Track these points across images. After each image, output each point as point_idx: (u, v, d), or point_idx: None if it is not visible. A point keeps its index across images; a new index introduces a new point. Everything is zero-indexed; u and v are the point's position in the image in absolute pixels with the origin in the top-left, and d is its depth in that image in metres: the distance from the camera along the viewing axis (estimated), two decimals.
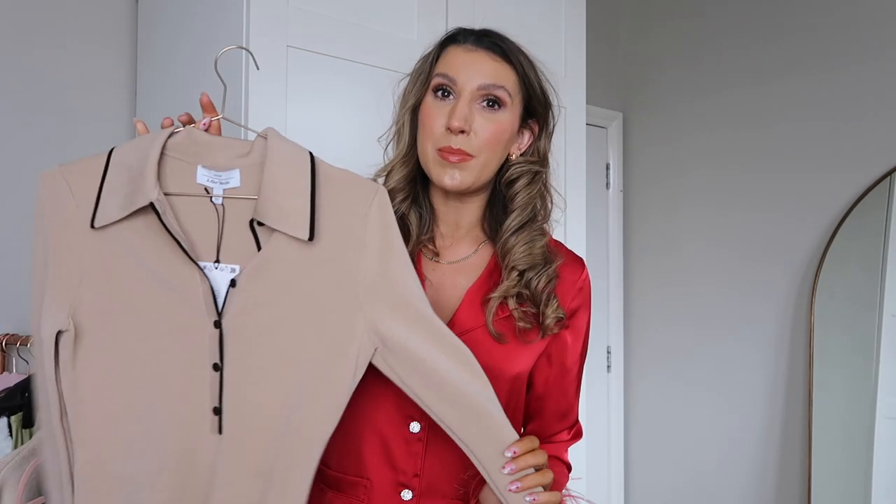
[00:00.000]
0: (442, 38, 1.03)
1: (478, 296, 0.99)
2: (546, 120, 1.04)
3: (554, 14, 2.00)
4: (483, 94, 0.96)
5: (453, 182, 0.96)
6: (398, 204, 0.99)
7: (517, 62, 1.00)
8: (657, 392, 2.83)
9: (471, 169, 0.96)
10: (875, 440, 2.15)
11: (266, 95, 1.45)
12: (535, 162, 1.02)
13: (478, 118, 0.95)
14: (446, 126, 0.94)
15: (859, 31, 2.29)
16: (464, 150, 0.94)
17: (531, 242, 0.98)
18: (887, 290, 2.18)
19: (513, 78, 0.99)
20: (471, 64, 0.96)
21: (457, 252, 1.03)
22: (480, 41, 0.99)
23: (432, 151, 0.96)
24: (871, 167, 2.25)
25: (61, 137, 1.72)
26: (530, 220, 1.00)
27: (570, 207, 2.00)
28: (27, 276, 1.31)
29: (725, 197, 2.61)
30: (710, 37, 2.68)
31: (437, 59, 1.00)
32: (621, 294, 2.94)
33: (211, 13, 1.55)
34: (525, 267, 0.97)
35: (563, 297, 1.01)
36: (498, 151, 0.98)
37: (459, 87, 0.96)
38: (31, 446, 1.34)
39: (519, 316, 0.97)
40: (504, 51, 0.99)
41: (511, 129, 0.99)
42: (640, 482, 2.89)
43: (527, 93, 1.01)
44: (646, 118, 2.90)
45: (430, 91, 0.99)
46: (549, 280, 0.98)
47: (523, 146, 1.03)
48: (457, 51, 0.99)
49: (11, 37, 1.66)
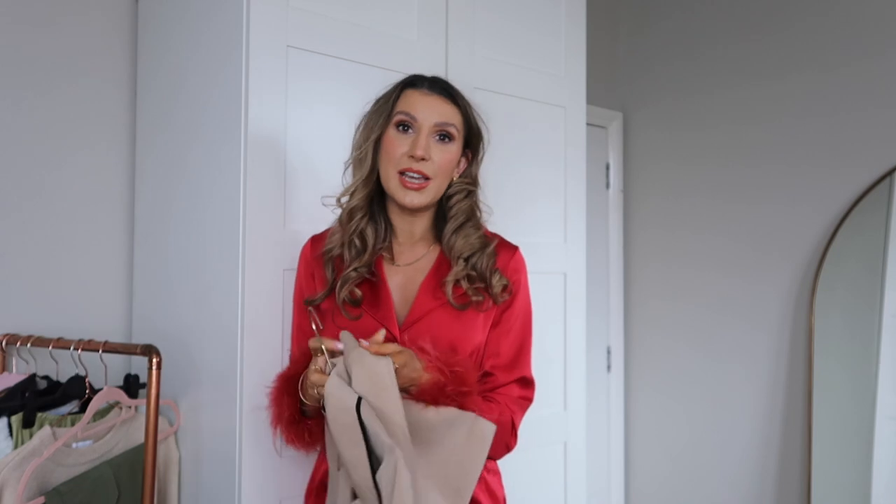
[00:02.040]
0: (400, 83, 1.27)
1: (430, 285, 1.25)
2: (478, 150, 1.31)
3: (554, 14, 2.00)
4: (438, 130, 1.22)
5: (413, 203, 1.22)
6: (358, 221, 1.24)
7: (462, 105, 1.26)
8: (657, 392, 2.83)
9: (427, 192, 1.22)
10: (875, 440, 2.15)
11: (266, 95, 1.45)
12: (469, 183, 1.30)
13: (434, 148, 1.22)
14: (409, 154, 1.20)
15: (861, 28, 2.29)
16: (424, 172, 1.20)
17: (468, 236, 1.25)
18: (888, 290, 2.18)
19: (458, 118, 1.25)
20: (428, 105, 1.22)
21: (412, 255, 1.30)
22: (434, 87, 1.24)
23: (395, 175, 1.21)
24: (871, 166, 2.25)
25: (61, 137, 1.72)
26: (464, 223, 1.27)
27: (570, 207, 2.01)
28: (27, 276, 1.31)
29: (725, 196, 2.61)
30: (709, 36, 2.68)
31: (398, 99, 1.24)
32: (621, 294, 2.94)
33: (211, 13, 1.55)
34: (468, 254, 1.24)
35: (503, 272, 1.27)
36: (448, 175, 1.26)
37: (419, 123, 1.21)
38: (32, 446, 1.34)
39: (472, 292, 1.23)
40: (452, 95, 1.25)
41: (457, 157, 1.26)
42: (640, 482, 2.89)
43: (467, 129, 1.28)
44: (646, 118, 2.90)
45: (393, 125, 1.23)
46: (489, 259, 1.25)
47: (461, 170, 1.31)
48: (415, 94, 1.23)
49: (11, 37, 1.66)
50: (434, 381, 1.11)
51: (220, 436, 1.47)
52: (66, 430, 1.40)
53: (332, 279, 1.25)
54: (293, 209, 1.49)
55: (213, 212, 1.51)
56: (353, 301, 1.23)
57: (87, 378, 1.51)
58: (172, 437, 1.59)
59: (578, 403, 2.00)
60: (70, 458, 1.41)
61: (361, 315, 1.23)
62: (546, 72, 1.97)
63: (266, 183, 1.45)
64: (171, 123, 1.68)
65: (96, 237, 1.78)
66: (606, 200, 2.94)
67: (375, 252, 1.26)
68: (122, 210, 1.82)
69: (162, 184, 1.71)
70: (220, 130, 1.49)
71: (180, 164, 1.64)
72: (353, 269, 1.23)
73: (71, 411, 1.49)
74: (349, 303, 1.23)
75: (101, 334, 1.72)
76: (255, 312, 1.43)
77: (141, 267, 1.79)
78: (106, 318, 1.78)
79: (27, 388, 1.47)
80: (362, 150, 1.25)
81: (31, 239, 1.69)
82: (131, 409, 1.55)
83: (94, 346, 1.45)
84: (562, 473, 1.98)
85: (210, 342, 1.51)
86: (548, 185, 1.96)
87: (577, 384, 2.00)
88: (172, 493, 1.58)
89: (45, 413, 1.45)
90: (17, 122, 1.67)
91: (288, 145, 1.49)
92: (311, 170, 1.52)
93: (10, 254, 1.66)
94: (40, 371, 1.59)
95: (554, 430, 1.95)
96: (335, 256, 1.26)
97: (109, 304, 1.79)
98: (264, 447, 1.43)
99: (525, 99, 1.91)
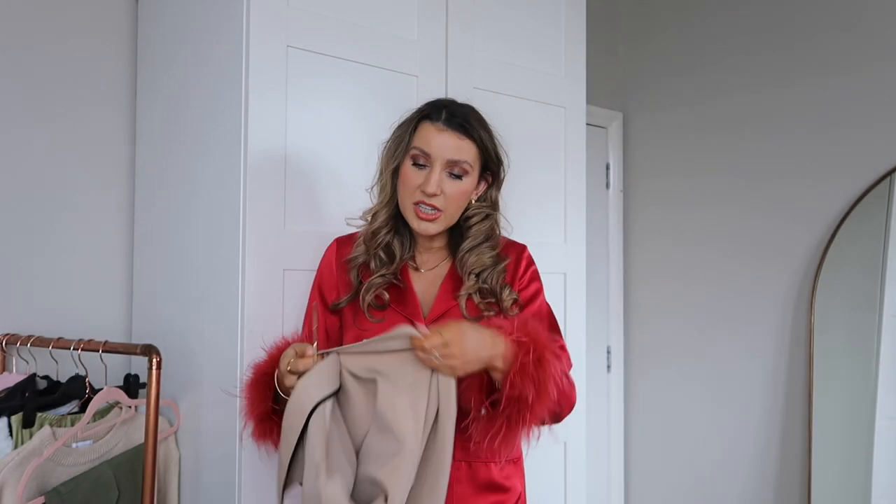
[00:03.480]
0: (418, 112, 1.31)
1: (447, 289, 1.33)
2: (497, 175, 1.35)
3: (554, 14, 2.00)
4: (450, 166, 1.26)
5: (427, 231, 1.29)
6: (382, 237, 1.31)
7: (477, 137, 1.28)
8: (657, 392, 2.83)
9: (440, 221, 1.28)
10: (875, 440, 2.15)
11: (266, 95, 1.45)
12: (487, 206, 1.35)
13: (446, 182, 1.26)
14: (421, 189, 1.25)
15: (860, 33, 2.29)
16: (436, 205, 1.26)
17: (480, 255, 1.31)
18: (887, 290, 2.18)
19: (473, 151, 1.28)
20: (441, 142, 1.26)
21: (431, 263, 1.37)
22: (450, 122, 1.27)
23: (410, 205, 1.28)
24: (871, 166, 2.24)
25: (61, 137, 1.72)
26: (480, 243, 1.32)
27: (570, 207, 2.01)
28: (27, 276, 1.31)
29: (726, 196, 2.61)
30: (710, 37, 2.68)
31: (415, 131, 1.28)
32: (621, 294, 2.94)
33: (211, 13, 1.55)
34: (479, 271, 1.30)
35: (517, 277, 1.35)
36: (461, 205, 1.31)
37: (432, 159, 1.25)
38: (32, 446, 1.34)
39: (484, 307, 1.30)
40: (467, 129, 1.27)
41: (471, 189, 1.31)
42: (640, 482, 2.89)
43: (484, 158, 1.31)
44: (646, 118, 2.90)
45: (409, 158, 1.27)
46: (500, 275, 1.31)
47: (479, 192, 1.34)
48: (430, 129, 1.27)
49: (11, 36, 1.66)
50: (517, 346, 1.12)
51: (220, 436, 1.47)
52: (66, 430, 1.40)
53: (358, 284, 1.31)
54: (293, 209, 1.49)
55: (213, 212, 1.51)
56: (379, 305, 1.29)
57: (87, 378, 1.51)
58: (172, 437, 1.59)
59: (578, 403, 2.00)
60: (70, 458, 1.41)
61: (385, 318, 1.27)
62: (546, 72, 1.97)
63: (266, 183, 1.45)
64: (172, 123, 1.68)
65: (96, 237, 1.78)
66: (606, 200, 2.94)
67: (402, 261, 1.33)
68: (122, 210, 1.82)
69: (162, 183, 1.71)
70: (220, 130, 1.49)
71: (180, 164, 1.64)
72: (379, 274, 1.29)
73: (71, 411, 1.49)
74: (374, 307, 1.29)
75: (101, 334, 1.72)
76: (255, 312, 1.43)
77: (141, 267, 1.79)
78: (106, 319, 1.78)
79: (27, 388, 1.46)
80: (383, 178, 1.33)
81: (31, 239, 1.69)
82: (131, 409, 1.55)
83: (94, 346, 1.45)
84: (562, 473, 1.98)
85: (210, 342, 1.51)
86: (548, 185, 1.96)
87: (577, 384, 1.99)
88: (172, 493, 1.58)
89: (45, 413, 1.44)
90: (18, 123, 1.67)
91: (288, 145, 1.49)
92: (311, 170, 1.52)
93: (10, 254, 1.66)
94: (40, 371, 1.59)
95: (554, 431, 1.95)
96: (360, 264, 1.32)
97: (109, 305, 1.79)
98: (264, 447, 1.43)
99: (525, 99, 1.91)
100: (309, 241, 1.48)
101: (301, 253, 1.48)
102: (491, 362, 1.11)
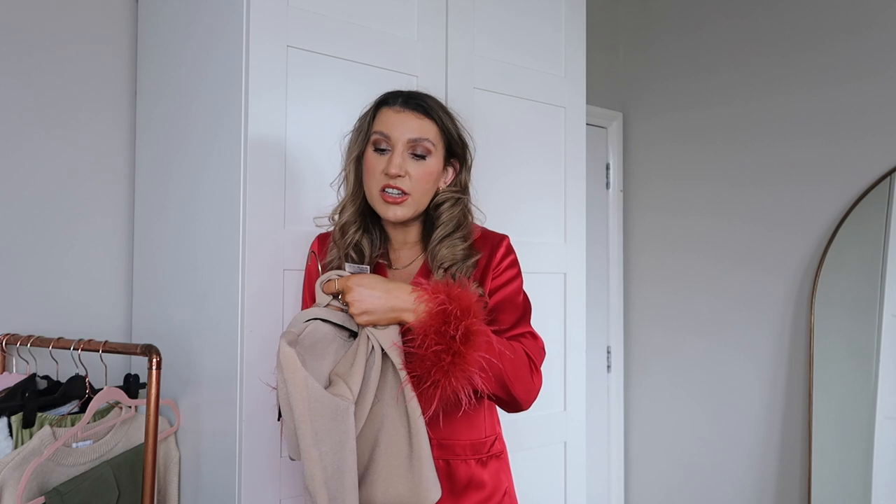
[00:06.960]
0: (375, 101, 1.30)
1: None
2: (464, 158, 1.32)
3: (554, 14, 2.00)
4: (412, 146, 1.24)
5: (396, 216, 1.26)
6: (351, 235, 1.29)
7: (437, 117, 1.27)
8: (657, 392, 2.83)
9: (408, 205, 1.25)
10: (875, 440, 2.15)
11: (266, 95, 1.45)
12: (457, 191, 1.31)
13: (410, 163, 1.24)
14: (385, 172, 1.23)
15: (860, 35, 2.29)
16: (402, 188, 1.23)
17: (453, 247, 1.27)
18: (887, 290, 2.18)
19: (434, 130, 1.27)
20: (401, 122, 1.24)
21: (406, 260, 1.34)
22: (407, 103, 1.26)
23: (376, 192, 1.25)
24: (870, 168, 2.25)
25: (61, 137, 1.72)
26: (452, 232, 1.28)
27: (570, 207, 2.01)
28: (27, 276, 1.31)
29: (725, 197, 2.61)
30: (709, 39, 2.68)
31: (374, 118, 1.27)
32: (621, 294, 2.94)
33: (211, 13, 1.55)
34: (448, 265, 1.26)
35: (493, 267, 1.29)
36: (428, 188, 1.27)
37: (393, 141, 1.24)
38: (32, 446, 1.34)
39: None
40: (425, 109, 1.26)
41: (437, 170, 1.28)
42: (640, 482, 2.89)
43: (447, 140, 1.29)
44: (646, 118, 2.90)
45: (371, 144, 1.26)
46: (468, 270, 1.26)
47: (448, 180, 1.32)
48: (388, 112, 1.26)
49: (11, 37, 1.66)
50: (438, 308, 1.11)
51: (220, 436, 1.47)
52: (66, 430, 1.40)
53: None
54: (293, 209, 1.49)
55: (213, 211, 1.51)
56: None
57: (87, 378, 1.51)
58: (172, 437, 1.59)
59: (578, 403, 2.00)
60: (70, 458, 1.41)
61: None
62: (546, 72, 1.97)
63: (266, 183, 1.45)
64: (171, 123, 1.68)
65: (96, 237, 1.78)
66: (606, 200, 2.94)
67: (373, 260, 1.32)
68: (122, 210, 1.82)
69: (162, 183, 1.71)
70: (220, 130, 1.49)
71: (181, 164, 1.64)
72: None
73: (71, 411, 1.49)
74: None
75: (101, 334, 1.72)
76: (255, 312, 1.43)
77: (141, 267, 1.79)
78: (106, 318, 1.78)
79: (27, 388, 1.46)
80: (346, 169, 1.32)
81: (31, 239, 1.69)
82: (131, 409, 1.55)
83: (94, 346, 1.45)
84: (562, 473, 1.98)
85: (210, 342, 1.51)
86: (548, 185, 1.96)
87: (577, 384, 1.99)
88: (172, 493, 1.58)
89: (45, 413, 1.45)
90: (18, 123, 1.67)
91: (288, 145, 1.49)
92: (311, 170, 1.52)
93: (11, 254, 1.66)
94: (40, 371, 1.59)
95: (554, 430, 1.95)
96: (336, 268, 1.31)
97: (109, 305, 1.79)
98: (264, 447, 1.43)
99: (525, 99, 1.91)
100: (309, 241, 1.48)
101: (301, 253, 1.48)
102: (399, 315, 1.14)
